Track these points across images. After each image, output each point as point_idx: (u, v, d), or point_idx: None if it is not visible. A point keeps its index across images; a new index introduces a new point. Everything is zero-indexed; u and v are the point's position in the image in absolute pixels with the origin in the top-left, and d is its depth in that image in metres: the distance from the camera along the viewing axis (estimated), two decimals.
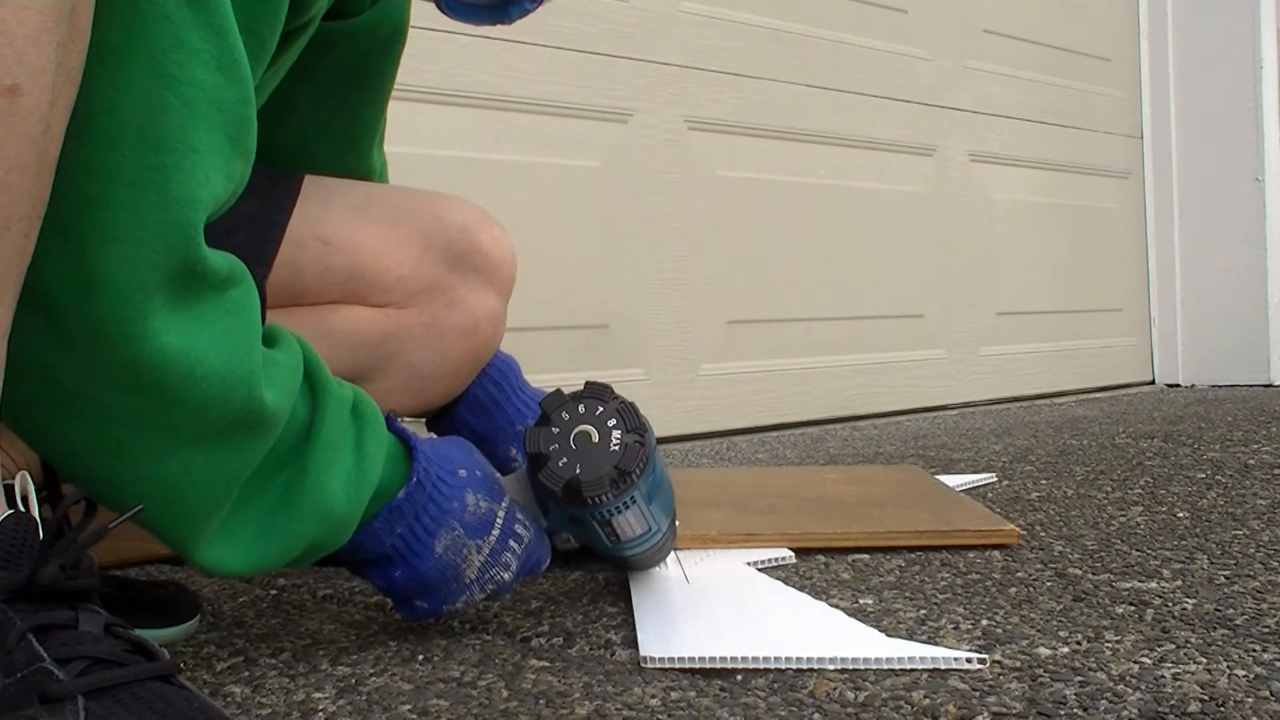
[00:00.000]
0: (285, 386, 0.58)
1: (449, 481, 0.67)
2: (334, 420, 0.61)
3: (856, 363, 2.22)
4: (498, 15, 0.80)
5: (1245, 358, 2.71)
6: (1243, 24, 2.68)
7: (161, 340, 0.51)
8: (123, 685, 0.45)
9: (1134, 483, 1.26)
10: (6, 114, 0.43)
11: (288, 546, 0.60)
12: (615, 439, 0.66)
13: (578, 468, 0.66)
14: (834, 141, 2.19)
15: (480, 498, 0.68)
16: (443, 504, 0.66)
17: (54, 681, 0.43)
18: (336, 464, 0.61)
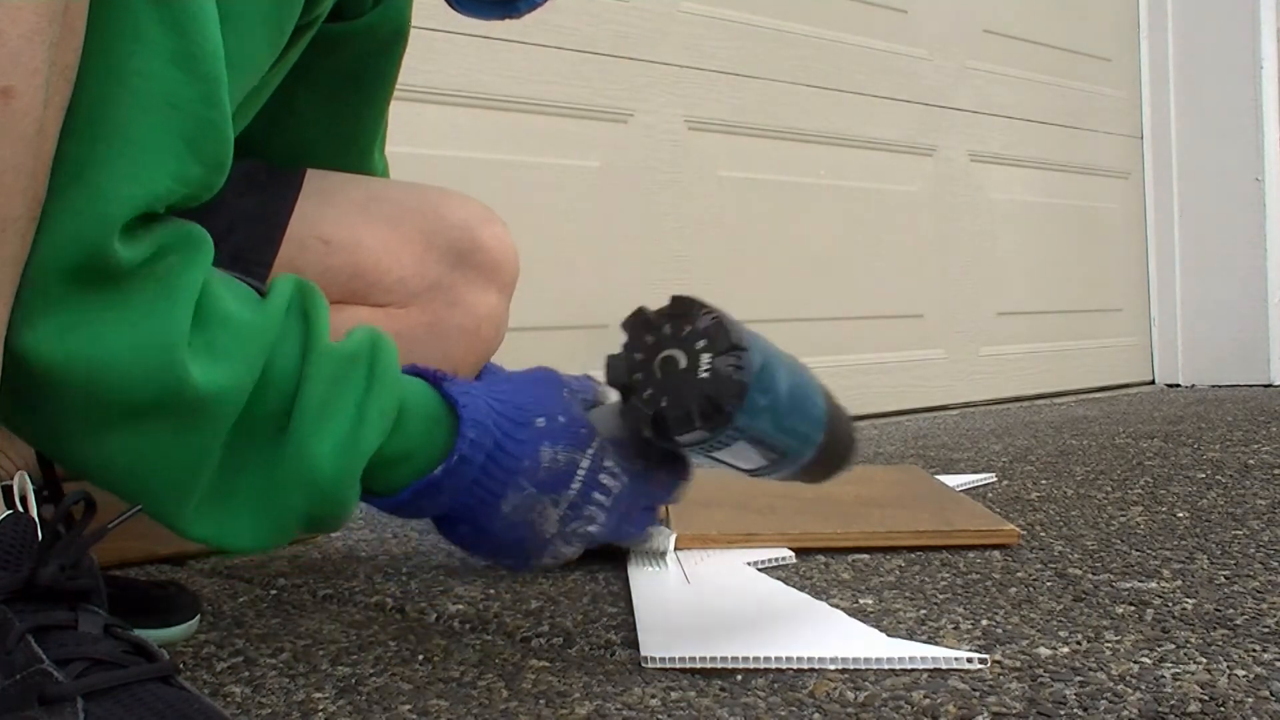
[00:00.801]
0: (241, 355, 0.52)
1: (519, 437, 0.59)
2: (320, 380, 0.54)
3: (856, 363, 2.22)
4: (506, 10, 0.79)
5: (1245, 358, 2.71)
6: (1243, 24, 2.68)
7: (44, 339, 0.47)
8: (122, 686, 0.45)
9: (1134, 483, 1.26)
10: (9, 111, 0.42)
11: (283, 520, 0.55)
12: (705, 363, 0.57)
13: (663, 400, 0.57)
14: (834, 141, 2.19)
15: (559, 449, 0.59)
16: (509, 464, 0.58)
17: (53, 683, 0.43)
18: (324, 429, 0.54)
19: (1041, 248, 2.63)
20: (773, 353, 0.61)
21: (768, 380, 0.59)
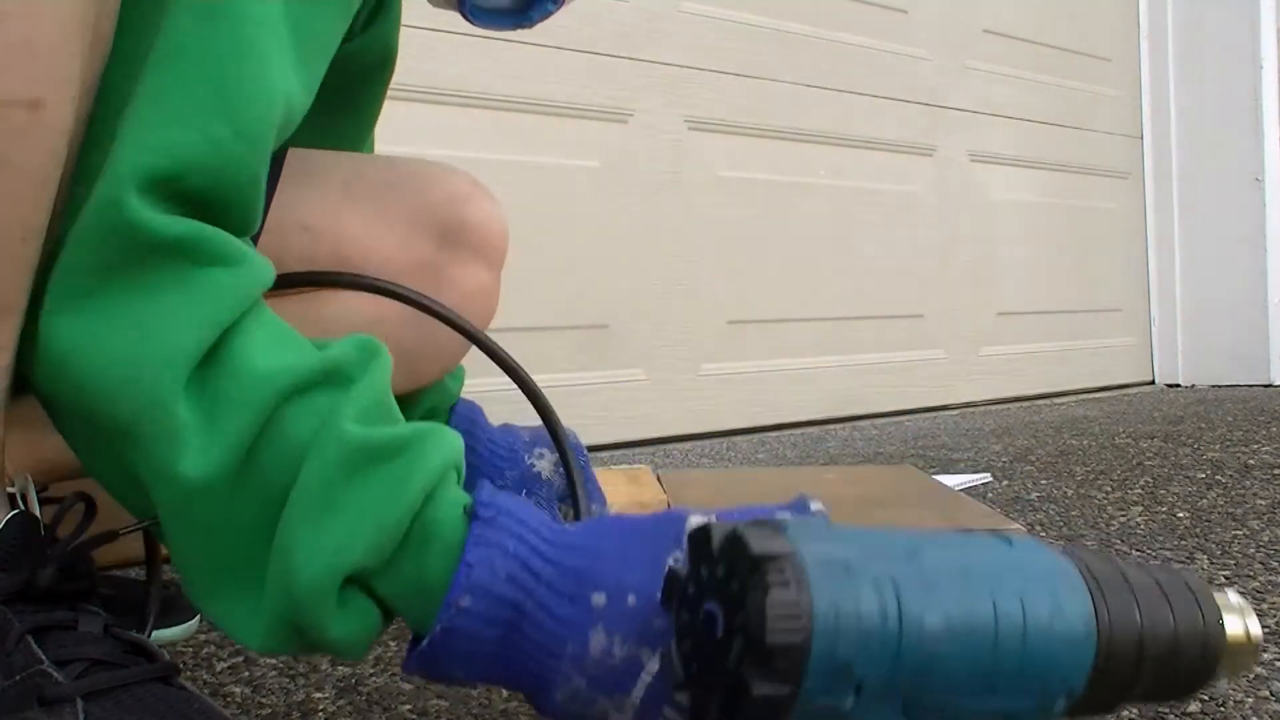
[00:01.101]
0: (238, 400, 0.43)
1: (560, 614, 0.44)
2: (321, 467, 0.43)
3: (856, 363, 2.22)
4: (519, 20, 0.78)
5: (1245, 358, 2.71)
6: (1243, 24, 2.68)
7: (56, 328, 0.43)
8: (122, 687, 0.44)
9: (1134, 483, 1.26)
10: (32, 127, 0.42)
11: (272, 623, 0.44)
12: (736, 650, 0.37)
13: (691, 670, 0.41)
14: (834, 141, 2.19)
15: (617, 640, 0.44)
16: (545, 645, 0.44)
17: (53, 684, 0.43)
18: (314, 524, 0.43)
19: (1041, 248, 2.63)
20: (895, 575, 0.38)
21: (856, 643, 0.37)
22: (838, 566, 0.37)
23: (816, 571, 0.36)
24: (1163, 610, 0.41)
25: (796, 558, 0.36)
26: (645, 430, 1.87)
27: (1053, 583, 0.40)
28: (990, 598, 0.38)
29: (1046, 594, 0.39)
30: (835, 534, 0.39)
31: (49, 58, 0.41)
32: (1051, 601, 0.39)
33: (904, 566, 0.38)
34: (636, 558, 0.45)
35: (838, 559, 0.37)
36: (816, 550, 0.37)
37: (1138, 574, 0.42)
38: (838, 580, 0.37)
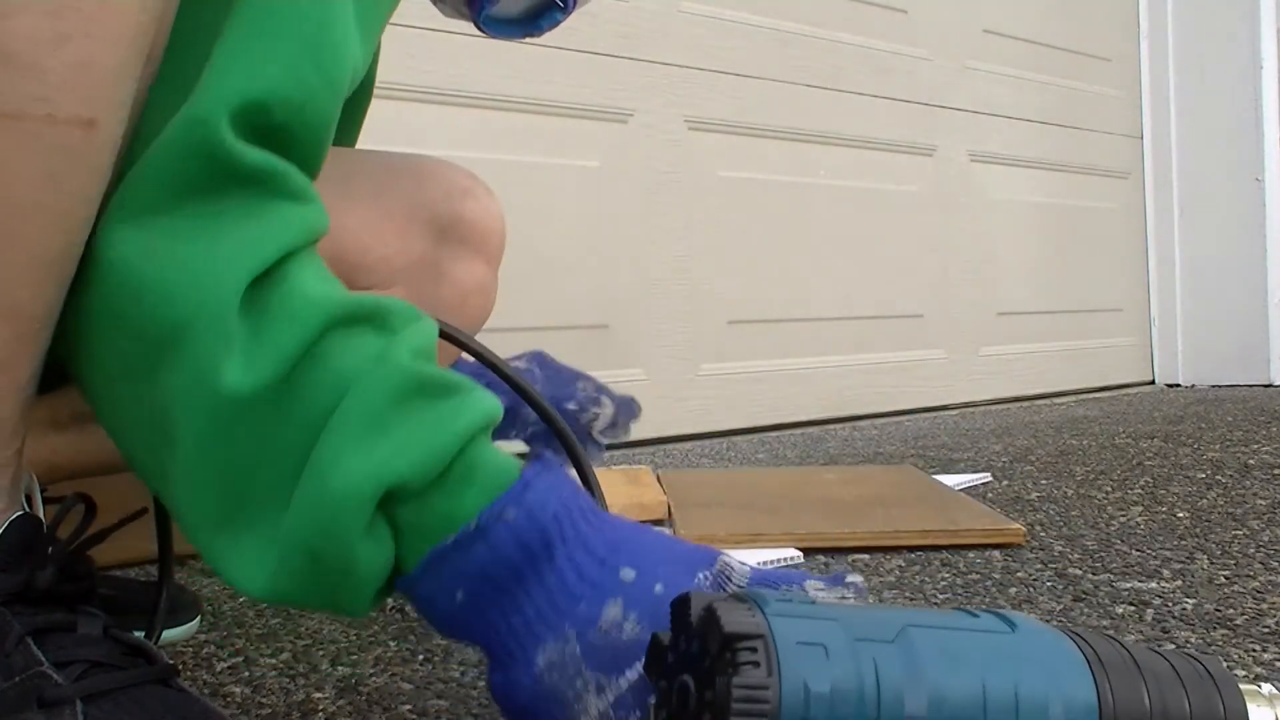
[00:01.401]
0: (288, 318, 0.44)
1: (588, 574, 0.44)
2: (372, 391, 0.43)
3: (856, 363, 2.22)
4: (529, 28, 0.79)
5: (1245, 358, 2.71)
6: (1243, 24, 2.68)
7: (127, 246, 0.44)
8: (120, 689, 0.44)
9: (1134, 483, 1.26)
10: (83, 146, 0.42)
11: (286, 554, 0.44)
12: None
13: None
14: (834, 141, 2.19)
15: (631, 619, 0.43)
16: (555, 589, 0.44)
17: (52, 685, 0.43)
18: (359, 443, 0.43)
19: (1041, 248, 2.63)
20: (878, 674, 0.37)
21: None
22: (814, 647, 0.36)
23: (789, 652, 0.36)
24: (1176, 697, 0.40)
25: (769, 638, 0.36)
26: (645, 430, 1.87)
27: (1051, 666, 0.39)
28: (980, 680, 0.38)
29: (1043, 677, 0.39)
30: (820, 612, 0.38)
31: (107, 80, 0.42)
32: (1048, 685, 0.38)
33: (889, 647, 0.38)
34: (671, 557, 0.45)
35: (816, 639, 0.37)
36: (794, 629, 0.37)
37: (1150, 659, 0.41)
38: (812, 661, 0.36)
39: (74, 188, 0.43)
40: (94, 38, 0.41)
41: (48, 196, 0.42)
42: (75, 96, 0.41)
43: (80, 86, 0.41)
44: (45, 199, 0.42)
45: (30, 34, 0.40)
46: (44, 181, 0.42)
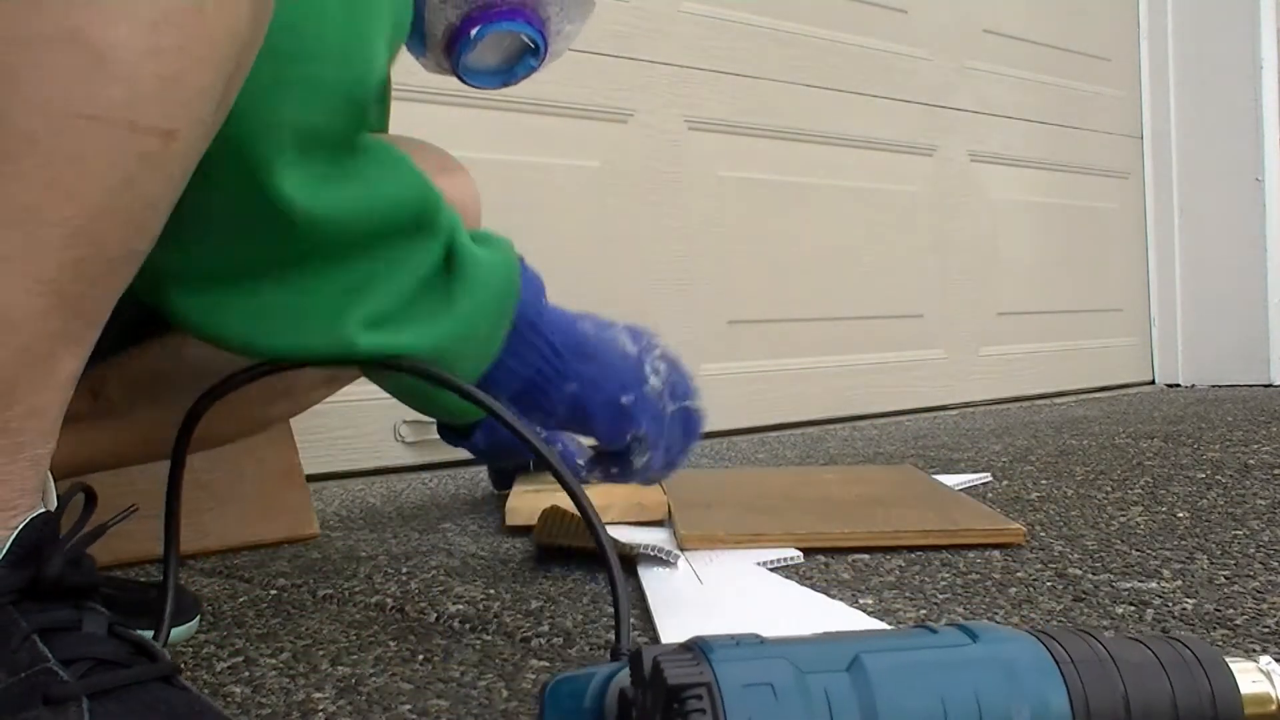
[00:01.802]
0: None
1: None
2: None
3: (856, 363, 2.22)
4: (506, 77, 0.83)
5: (1245, 358, 2.71)
6: (1243, 24, 2.68)
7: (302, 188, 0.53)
8: (125, 687, 0.44)
9: (1134, 483, 1.26)
10: (161, 156, 0.44)
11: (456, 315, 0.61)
12: None
13: None
14: (834, 141, 2.19)
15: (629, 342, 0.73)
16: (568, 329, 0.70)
17: (58, 682, 0.43)
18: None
19: (1041, 248, 2.63)
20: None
21: None
22: (761, 688, 0.37)
23: (735, 696, 0.37)
24: (1158, 685, 0.40)
25: (714, 685, 0.37)
26: None
27: (1017, 672, 0.39)
28: (939, 696, 0.38)
29: (1007, 685, 0.39)
30: (768, 651, 0.40)
31: (192, 96, 0.44)
32: (1013, 692, 0.38)
33: (841, 676, 0.38)
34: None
35: (762, 680, 0.37)
36: (740, 673, 0.38)
37: (1129, 650, 0.41)
38: (759, 702, 0.37)
39: (147, 194, 0.45)
40: (187, 54, 0.43)
41: (121, 200, 0.44)
42: (160, 108, 0.43)
43: (166, 99, 0.43)
44: (118, 202, 0.44)
45: (127, 42, 0.42)
46: (119, 185, 0.43)
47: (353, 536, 1.10)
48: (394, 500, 1.34)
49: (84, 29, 0.41)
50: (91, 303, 0.46)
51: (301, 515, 1.09)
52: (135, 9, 0.42)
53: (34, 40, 0.41)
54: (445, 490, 1.40)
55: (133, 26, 0.42)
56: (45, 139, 0.42)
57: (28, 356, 0.45)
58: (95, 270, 0.45)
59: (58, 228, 0.43)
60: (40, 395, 0.46)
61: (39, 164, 0.42)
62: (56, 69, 0.41)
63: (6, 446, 0.46)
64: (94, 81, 0.42)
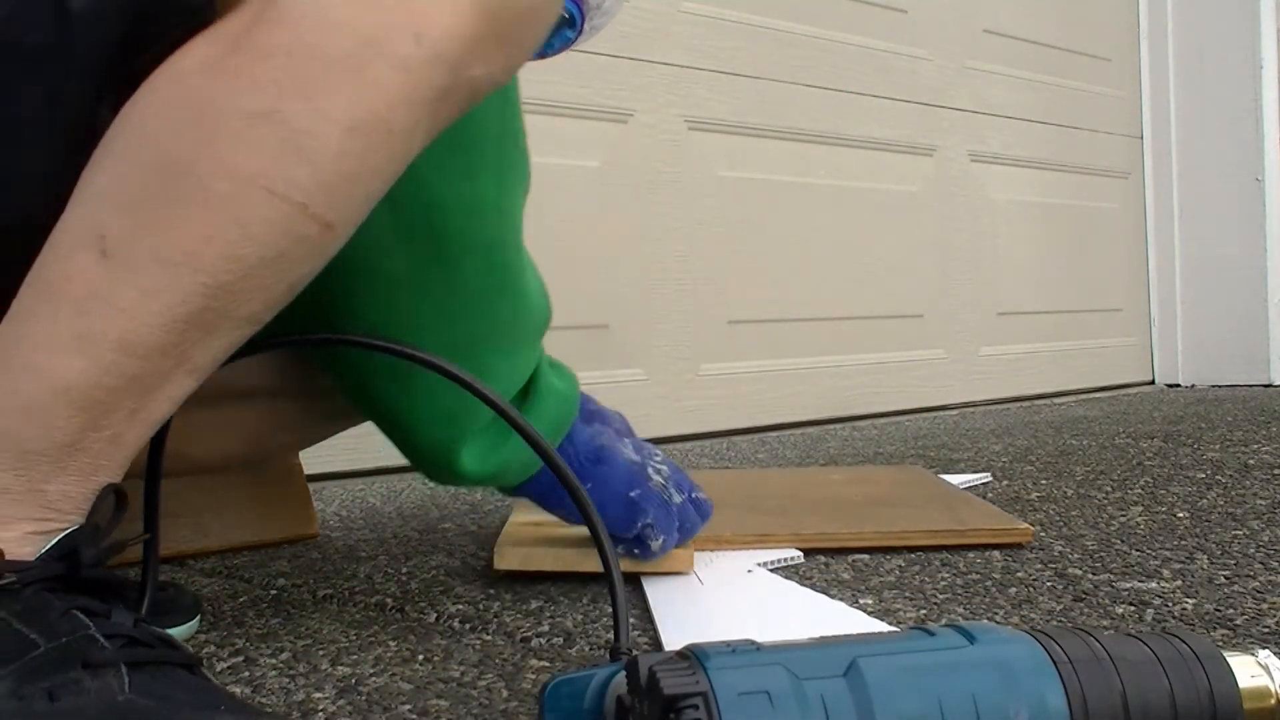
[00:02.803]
0: None
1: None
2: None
3: (856, 363, 2.22)
4: (543, 49, 0.84)
5: (1245, 358, 2.71)
6: (1243, 24, 2.68)
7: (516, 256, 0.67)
8: (157, 664, 0.46)
9: (1134, 483, 1.26)
10: (315, 243, 0.48)
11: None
12: None
13: None
14: (834, 141, 2.19)
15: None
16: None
17: (98, 649, 0.44)
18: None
19: (1041, 248, 2.63)
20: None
21: None
22: (757, 695, 0.37)
23: (731, 705, 0.37)
24: (1156, 682, 0.40)
25: (710, 694, 0.37)
26: (645, 430, 1.86)
27: (1013, 673, 0.39)
28: (936, 698, 0.38)
29: (1004, 685, 0.39)
30: (764, 658, 0.39)
31: (360, 200, 0.49)
32: (1009, 692, 0.39)
33: (838, 682, 0.38)
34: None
35: (758, 687, 0.38)
36: (736, 680, 0.38)
37: (1126, 648, 0.41)
38: (755, 710, 0.37)
39: (290, 274, 0.49)
40: (367, 163, 0.47)
41: (267, 271, 0.47)
42: (330, 200, 0.47)
43: (338, 195, 0.47)
44: (264, 272, 0.47)
45: (324, 135, 0.46)
46: (271, 257, 0.47)
47: (353, 536, 1.10)
48: (394, 500, 1.34)
49: (288, 114, 0.45)
50: (202, 355, 0.49)
51: (301, 515, 1.09)
52: (337, 110, 0.46)
53: (240, 112, 0.45)
54: (445, 490, 1.40)
55: (332, 123, 0.46)
56: (223, 199, 0.46)
57: (133, 386, 0.47)
58: (220, 326, 0.48)
59: (204, 278, 0.46)
60: (129, 428, 0.48)
61: (210, 218, 0.46)
62: (254, 141, 0.45)
63: (83, 467, 0.48)
64: (285, 161, 0.46)
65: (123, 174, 0.47)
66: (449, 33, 0.47)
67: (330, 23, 0.46)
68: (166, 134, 0.47)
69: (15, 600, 0.45)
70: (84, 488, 0.48)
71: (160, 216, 0.46)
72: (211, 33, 0.48)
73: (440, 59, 0.47)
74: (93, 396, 0.47)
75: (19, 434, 0.47)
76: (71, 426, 0.47)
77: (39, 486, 0.47)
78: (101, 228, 0.47)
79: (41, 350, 0.47)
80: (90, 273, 0.46)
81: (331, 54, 0.46)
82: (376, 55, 0.46)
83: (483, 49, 0.48)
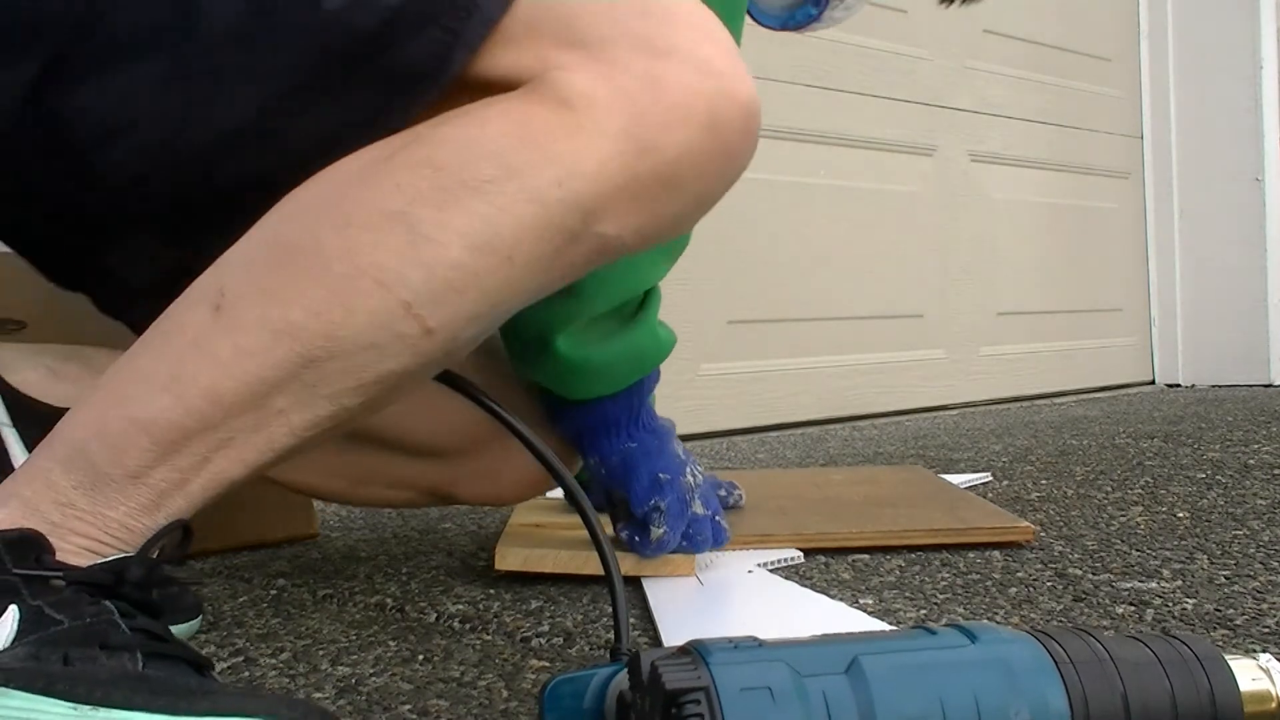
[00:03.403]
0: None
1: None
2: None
3: (856, 363, 2.22)
4: (785, 20, 0.99)
5: (1245, 358, 2.71)
6: (1243, 24, 2.68)
7: None
8: (172, 657, 0.47)
9: (1134, 483, 1.26)
10: (411, 342, 0.49)
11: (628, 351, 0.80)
12: None
13: None
14: (834, 141, 2.19)
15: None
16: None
17: (118, 632, 0.46)
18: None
19: (1041, 248, 2.63)
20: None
21: None
22: (759, 691, 0.37)
23: (733, 700, 0.37)
24: (1156, 683, 0.40)
25: (712, 690, 0.37)
26: None
27: (1015, 673, 0.39)
28: (937, 697, 0.38)
29: (1006, 685, 0.39)
30: (766, 655, 0.40)
31: (464, 314, 0.50)
32: (1011, 692, 0.39)
33: (839, 679, 0.38)
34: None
35: (760, 683, 0.38)
36: (738, 676, 0.38)
37: (1128, 649, 0.41)
38: (757, 706, 0.37)
39: (381, 367, 0.50)
40: (480, 282, 0.49)
41: (361, 358, 0.49)
42: (435, 306, 0.49)
43: (443, 303, 0.49)
44: (357, 359, 0.49)
45: (445, 246, 0.48)
46: (367, 345, 0.49)
47: (353, 536, 1.10)
48: None
49: (417, 218, 0.48)
50: (279, 425, 0.50)
51: (301, 515, 1.09)
52: (464, 225, 0.48)
53: (376, 209, 0.49)
54: None
55: (456, 235, 0.48)
56: (337, 280, 0.48)
57: (209, 435, 0.49)
58: (302, 399, 0.49)
59: (300, 348, 0.49)
60: (196, 475, 0.50)
61: (319, 295, 0.48)
62: (381, 237, 0.48)
63: (146, 502, 0.50)
64: (403, 259, 0.48)
65: (259, 245, 0.51)
66: (591, 181, 0.49)
67: (483, 150, 0.49)
68: (308, 218, 0.50)
69: (53, 593, 0.47)
70: (143, 522, 0.50)
71: (276, 285, 0.49)
72: (383, 141, 0.51)
73: (577, 204, 0.49)
74: (169, 435, 0.49)
75: (95, 454, 0.49)
76: (144, 458, 0.49)
77: (102, 510, 0.49)
78: (223, 286, 0.50)
79: (138, 383, 0.50)
80: (201, 323, 0.50)
81: (476, 176, 0.48)
82: (517, 187, 0.48)
83: (619, 205, 0.50)
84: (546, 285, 0.52)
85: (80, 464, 0.49)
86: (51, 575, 0.47)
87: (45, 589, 0.47)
